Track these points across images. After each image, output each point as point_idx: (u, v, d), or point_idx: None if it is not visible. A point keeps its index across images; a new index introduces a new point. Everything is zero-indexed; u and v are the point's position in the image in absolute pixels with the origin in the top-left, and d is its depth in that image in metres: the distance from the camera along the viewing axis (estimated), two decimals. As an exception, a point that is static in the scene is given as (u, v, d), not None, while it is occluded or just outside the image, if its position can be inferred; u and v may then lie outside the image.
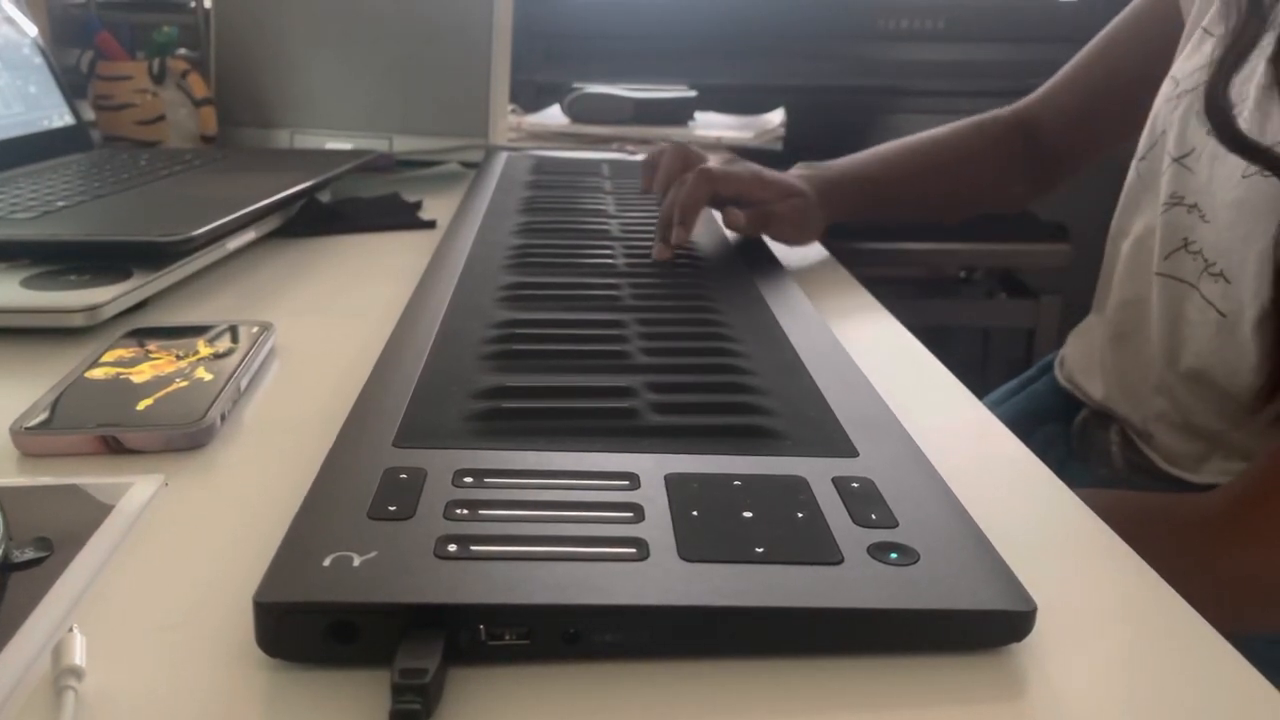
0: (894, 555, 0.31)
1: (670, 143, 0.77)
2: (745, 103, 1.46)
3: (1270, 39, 0.57)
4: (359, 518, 0.32)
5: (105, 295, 0.55)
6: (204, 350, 0.50)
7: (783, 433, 0.40)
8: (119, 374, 0.47)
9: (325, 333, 0.57)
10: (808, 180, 0.78)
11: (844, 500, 0.34)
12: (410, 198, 0.91)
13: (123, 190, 0.77)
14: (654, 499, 0.34)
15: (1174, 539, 0.55)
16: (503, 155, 1.03)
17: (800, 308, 0.57)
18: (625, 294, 0.57)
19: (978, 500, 0.36)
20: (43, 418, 0.42)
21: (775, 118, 1.38)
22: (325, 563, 0.29)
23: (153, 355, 0.49)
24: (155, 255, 0.60)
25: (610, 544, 0.31)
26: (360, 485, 0.34)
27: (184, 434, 0.42)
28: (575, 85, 1.39)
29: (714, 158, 0.76)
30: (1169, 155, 0.64)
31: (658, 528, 0.32)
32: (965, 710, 0.28)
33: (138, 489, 0.38)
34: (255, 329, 0.53)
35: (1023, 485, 0.42)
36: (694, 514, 0.33)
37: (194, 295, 0.64)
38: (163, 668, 0.28)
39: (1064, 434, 0.79)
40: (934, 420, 0.46)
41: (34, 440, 0.41)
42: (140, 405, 0.43)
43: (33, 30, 0.97)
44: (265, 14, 1.06)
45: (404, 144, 1.03)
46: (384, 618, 0.28)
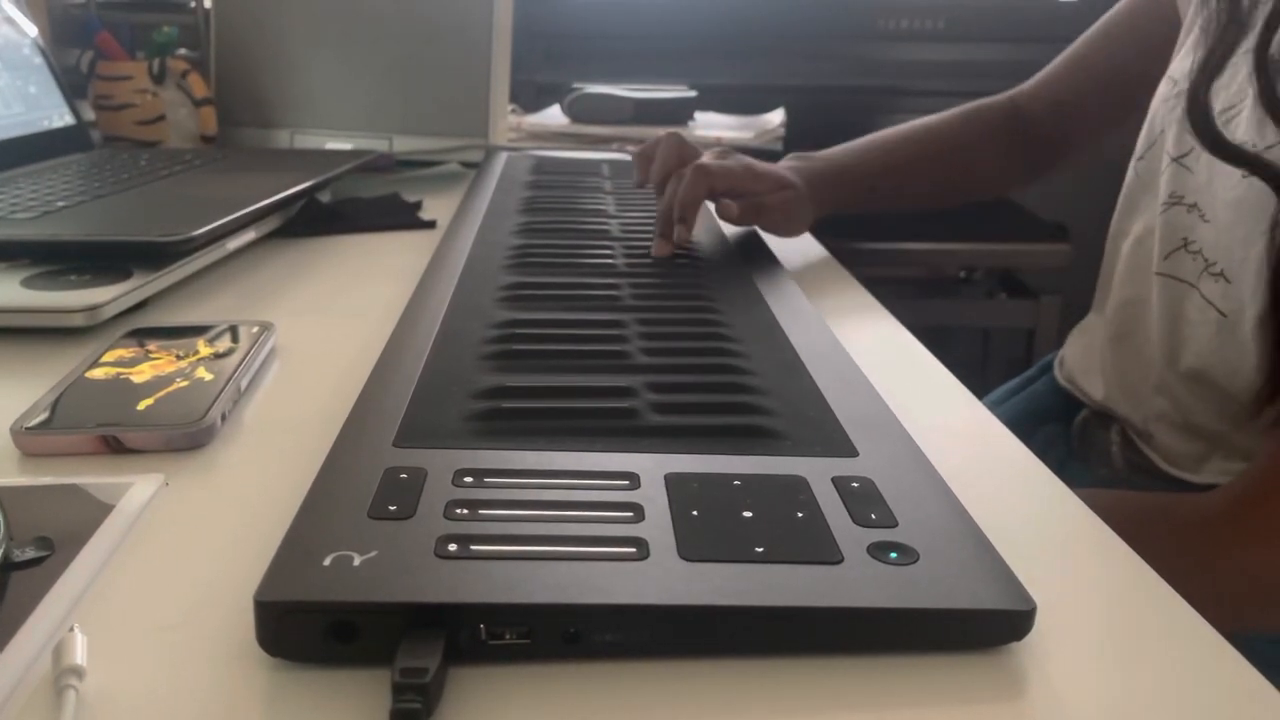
0: (894, 555, 0.31)
1: (664, 135, 0.77)
2: (745, 103, 1.46)
3: (1251, 41, 0.57)
4: (359, 517, 0.32)
5: (105, 295, 0.55)
6: (204, 350, 0.50)
7: (783, 432, 0.40)
8: (119, 374, 0.47)
9: (325, 333, 0.57)
10: (798, 172, 0.78)
11: (844, 500, 0.34)
12: (410, 198, 0.91)
13: (123, 190, 0.77)
14: (654, 499, 0.34)
15: (1174, 539, 0.55)
16: (503, 155, 1.03)
17: (800, 308, 0.57)
18: (625, 294, 0.57)
19: (978, 500, 0.36)
20: (43, 418, 0.42)
21: (775, 118, 1.38)
22: (325, 562, 0.29)
23: (153, 355, 0.49)
24: (155, 255, 0.60)
25: (610, 544, 0.31)
26: (360, 485, 0.34)
27: (184, 434, 0.42)
28: (575, 85, 1.39)
29: (707, 151, 0.76)
30: (1168, 155, 0.64)
31: (658, 527, 0.32)
32: (965, 710, 0.28)
33: (138, 489, 0.38)
34: (255, 329, 0.53)
35: (1023, 485, 0.42)
36: (694, 514, 0.33)
37: (194, 295, 0.64)
38: (163, 667, 0.28)
39: (1064, 434, 0.79)
40: (934, 420, 0.46)
41: (34, 440, 0.41)
42: (140, 405, 0.43)
43: (33, 30, 0.97)
44: (265, 14, 1.06)
45: (404, 144, 1.03)
46: (384, 617, 0.28)
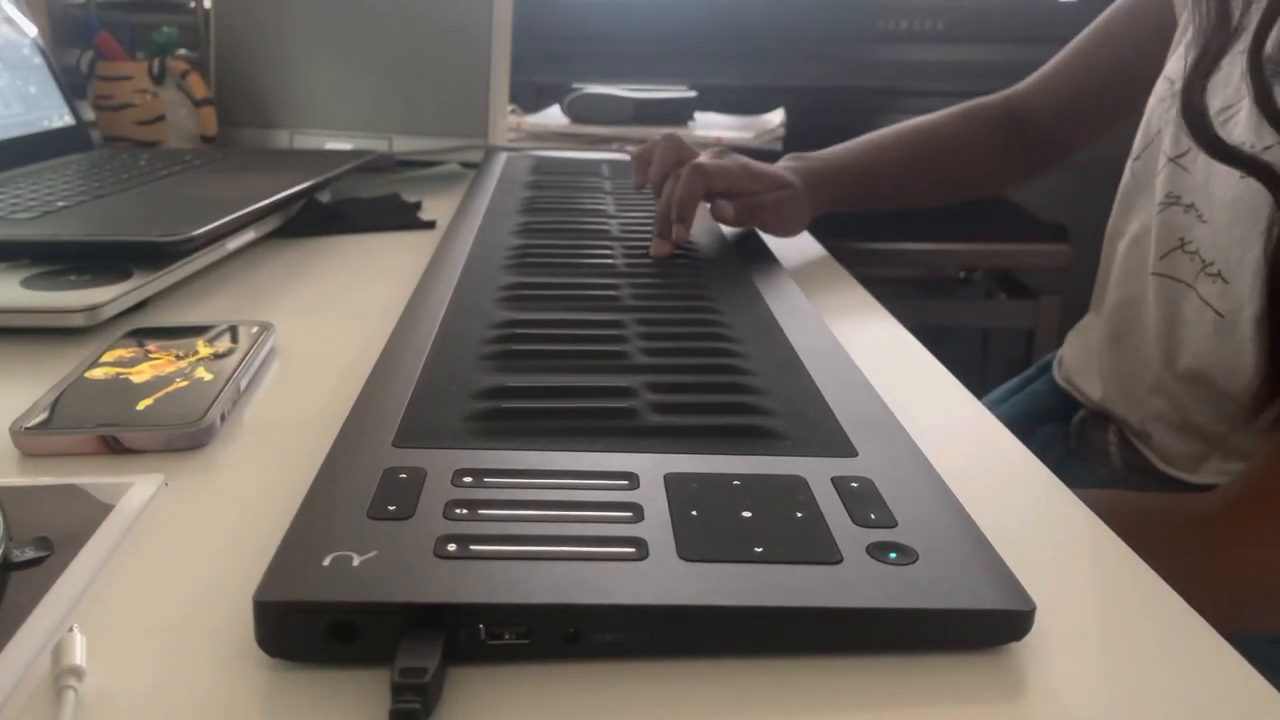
0: (893, 555, 0.31)
1: (661, 137, 0.77)
2: (745, 103, 1.46)
3: (1245, 41, 0.57)
4: (359, 517, 0.32)
5: (105, 295, 0.55)
6: (204, 350, 0.50)
7: (782, 433, 0.40)
8: (119, 374, 0.47)
9: (325, 333, 0.57)
10: (796, 172, 0.78)
11: (843, 500, 0.34)
12: (410, 198, 0.91)
13: (123, 190, 0.77)
14: (653, 499, 0.34)
15: (1173, 539, 0.55)
16: (502, 155, 1.03)
17: (799, 307, 0.57)
18: (625, 294, 0.57)
19: (977, 500, 0.36)
20: (43, 418, 0.42)
21: (775, 118, 1.38)
22: (325, 562, 0.29)
23: (153, 355, 0.49)
24: (155, 255, 0.60)
25: (610, 544, 0.31)
26: (360, 485, 0.34)
27: (184, 434, 0.42)
28: (575, 86, 1.39)
29: (704, 151, 0.76)
30: (1164, 155, 0.64)
31: (657, 527, 0.32)
32: (965, 710, 0.28)
33: (138, 489, 0.38)
34: (255, 329, 0.53)
35: (1022, 485, 0.42)
36: (693, 514, 0.33)
37: (194, 295, 0.64)
38: (163, 667, 0.28)
39: (1063, 434, 0.79)
40: (933, 420, 0.46)
41: (34, 440, 0.41)
42: (140, 405, 0.43)
43: (33, 30, 0.97)
44: (265, 14, 1.06)
45: (404, 144, 1.03)
46: (384, 617, 0.28)
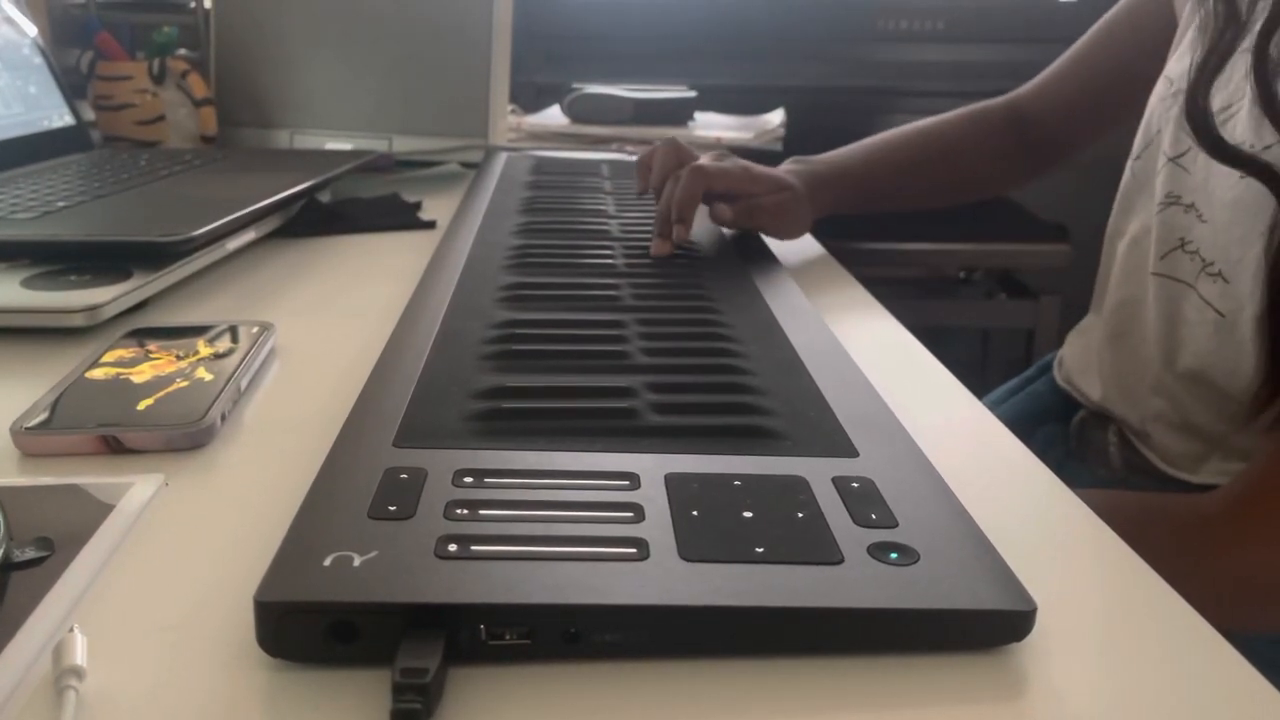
0: (894, 555, 0.31)
1: (661, 141, 0.77)
2: (745, 103, 1.46)
3: (1249, 41, 0.57)
4: (359, 518, 0.32)
5: (105, 295, 0.55)
6: (204, 350, 0.50)
7: (783, 433, 0.40)
8: (119, 374, 0.47)
9: (325, 333, 0.57)
10: (797, 175, 0.78)
11: (844, 500, 0.34)
12: (410, 198, 0.91)
13: (123, 190, 0.77)
14: (654, 499, 0.34)
15: (1173, 539, 0.55)
16: (502, 155, 1.03)
17: (800, 307, 0.57)
18: (625, 294, 0.57)
19: (978, 500, 0.36)
20: (43, 418, 0.42)
21: (775, 118, 1.38)
22: (326, 562, 0.29)
23: (153, 355, 0.49)
24: (155, 255, 0.60)
25: (610, 544, 0.31)
26: (360, 485, 0.34)
27: (184, 434, 0.42)
28: (575, 86, 1.39)
29: (705, 154, 0.76)
30: (1164, 155, 0.64)
31: (658, 527, 0.32)
32: (965, 710, 0.28)
33: (138, 489, 0.38)
34: (255, 329, 0.53)
35: (1022, 485, 0.42)
36: (694, 514, 0.33)
37: (194, 295, 0.64)
38: (163, 668, 0.28)
39: (1063, 434, 0.79)
40: (933, 420, 0.46)
41: (34, 440, 0.41)
42: (140, 405, 0.43)
43: (33, 30, 0.97)
44: (265, 14, 1.06)
45: (404, 144, 1.03)
46: (384, 617, 0.28)
